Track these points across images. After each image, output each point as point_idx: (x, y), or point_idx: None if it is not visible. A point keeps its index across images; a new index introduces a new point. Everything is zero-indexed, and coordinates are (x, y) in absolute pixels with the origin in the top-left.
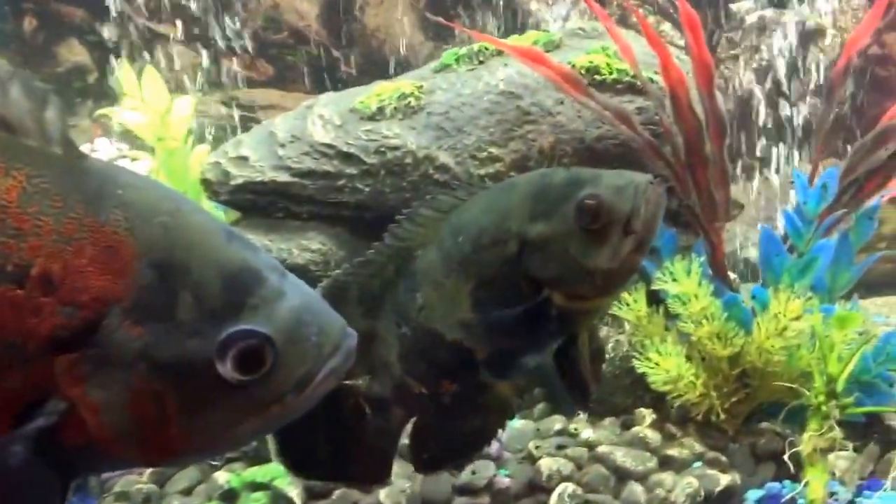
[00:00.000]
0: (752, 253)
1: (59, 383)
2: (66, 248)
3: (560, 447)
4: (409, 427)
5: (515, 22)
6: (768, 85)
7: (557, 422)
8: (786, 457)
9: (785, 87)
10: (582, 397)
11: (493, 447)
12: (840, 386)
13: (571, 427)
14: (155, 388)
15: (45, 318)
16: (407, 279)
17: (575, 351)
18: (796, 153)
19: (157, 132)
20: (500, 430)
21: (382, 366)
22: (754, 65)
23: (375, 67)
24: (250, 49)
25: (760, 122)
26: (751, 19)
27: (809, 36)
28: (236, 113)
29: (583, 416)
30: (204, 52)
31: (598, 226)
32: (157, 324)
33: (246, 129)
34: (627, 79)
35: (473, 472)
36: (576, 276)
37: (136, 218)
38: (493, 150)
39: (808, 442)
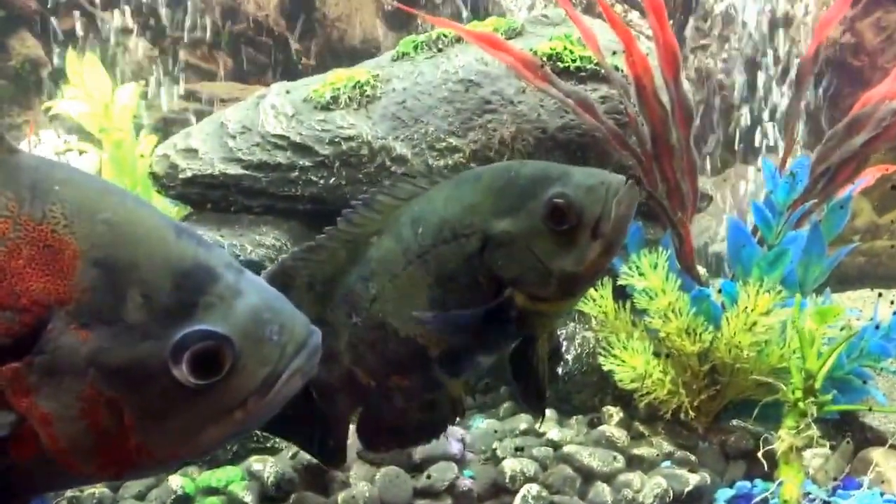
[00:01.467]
0: (722, 247)
1: (4, 393)
2: (0, 249)
3: (522, 448)
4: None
5: (478, 13)
6: (739, 75)
7: (523, 421)
8: (760, 454)
9: (756, 77)
10: (537, 402)
11: (455, 448)
12: (818, 383)
13: (537, 426)
14: (108, 396)
15: None
16: (360, 267)
17: (532, 353)
18: (770, 142)
19: (101, 122)
20: (447, 427)
21: (330, 354)
22: (724, 55)
23: (336, 59)
24: (208, 41)
25: (733, 114)
26: (719, 8)
27: (779, 24)
28: (194, 108)
29: (549, 414)
30: (160, 45)
31: (566, 227)
32: (106, 326)
33: None
34: (591, 66)
35: (428, 477)
36: (539, 277)
37: (77, 214)
38: (453, 140)
39: (783, 440)
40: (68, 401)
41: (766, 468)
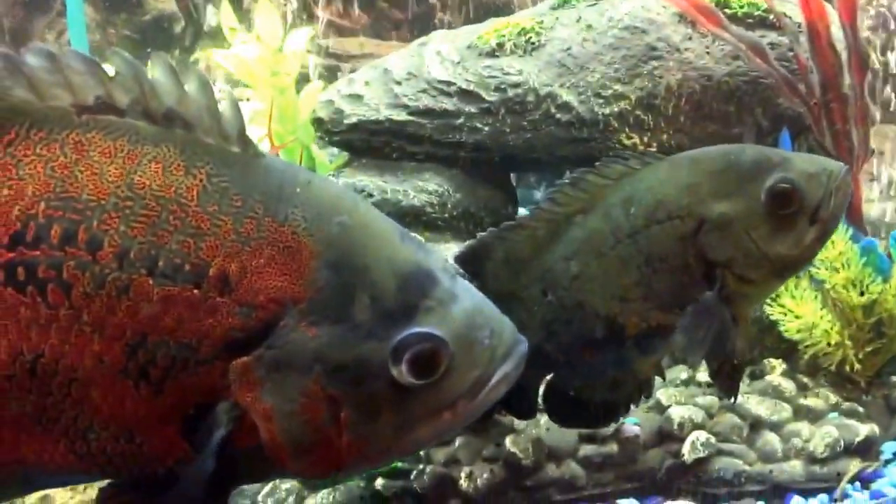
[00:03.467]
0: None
1: (231, 386)
2: (244, 249)
3: (690, 396)
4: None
5: None
6: None
7: (682, 371)
8: None
9: None
10: (730, 383)
11: None
12: None
13: (699, 376)
14: (329, 393)
15: (220, 318)
16: (561, 246)
17: (734, 334)
18: None
19: (271, 67)
20: (630, 409)
21: (520, 329)
22: None
23: (475, 15)
24: None
25: None
26: None
27: None
28: (327, 63)
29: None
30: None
31: (787, 212)
32: (333, 325)
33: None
34: (759, 13)
35: None
36: (753, 260)
37: (315, 217)
38: (618, 87)
39: None
40: (291, 396)
41: None
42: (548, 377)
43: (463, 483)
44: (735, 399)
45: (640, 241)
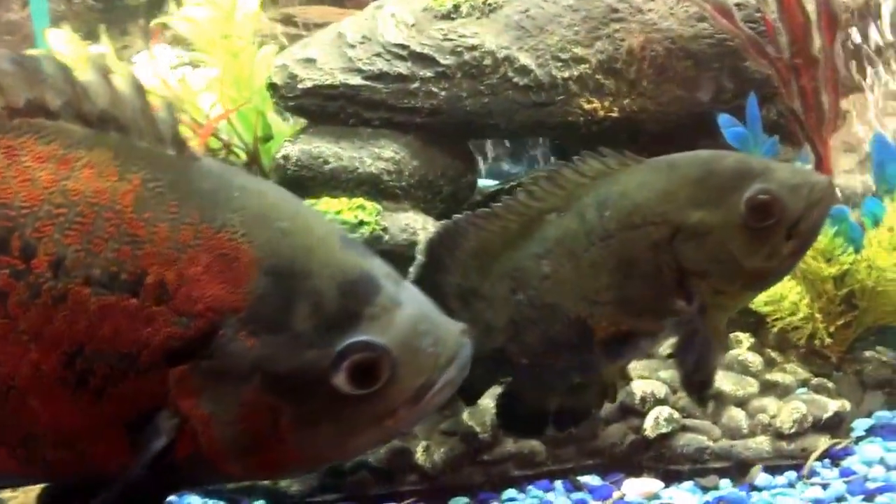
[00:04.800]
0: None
1: (171, 395)
2: (181, 256)
3: (653, 370)
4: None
5: None
6: None
7: None
8: None
9: None
10: (699, 390)
11: None
12: None
13: (662, 351)
14: (268, 401)
15: (158, 327)
16: (533, 244)
17: (704, 343)
18: None
19: (223, 30)
20: (590, 416)
21: (483, 329)
22: None
23: None
24: None
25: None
26: None
27: None
28: (289, 31)
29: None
30: None
31: (766, 223)
32: (273, 334)
33: None
34: None
35: None
36: (728, 270)
37: (254, 223)
38: (578, 50)
39: None
40: (230, 405)
41: None
42: (503, 388)
43: (419, 457)
44: (707, 407)
45: (613, 246)
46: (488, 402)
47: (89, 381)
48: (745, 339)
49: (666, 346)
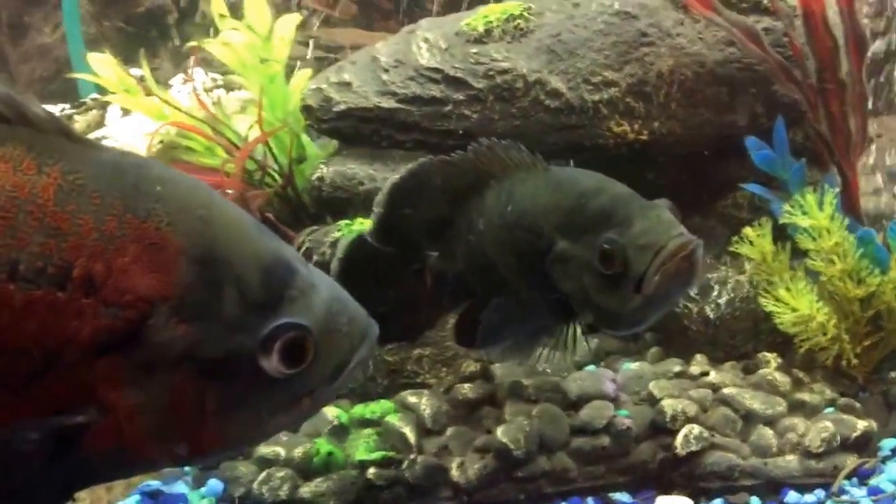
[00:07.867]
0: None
1: (97, 387)
2: (107, 248)
3: (683, 389)
4: None
5: None
6: None
7: (675, 364)
8: None
9: None
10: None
11: (609, 387)
12: None
13: (692, 369)
14: (196, 388)
15: (87, 320)
16: (477, 199)
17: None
18: None
19: (260, 54)
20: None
21: (452, 253)
22: None
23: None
24: None
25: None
26: None
27: None
28: (315, 55)
29: (700, 358)
30: None
31: (611, 273)
32: (202, 321)
33: None
34: None
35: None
36: (585, 301)
37: (177, 212)
38: (608, 74)
39: None
40: (159, 392)
41: None
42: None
43: (454, 473)
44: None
45: (512, 235)
46: (522, 419)
47: (12, 378)
48: (773, 359)
49: (697, 364)
